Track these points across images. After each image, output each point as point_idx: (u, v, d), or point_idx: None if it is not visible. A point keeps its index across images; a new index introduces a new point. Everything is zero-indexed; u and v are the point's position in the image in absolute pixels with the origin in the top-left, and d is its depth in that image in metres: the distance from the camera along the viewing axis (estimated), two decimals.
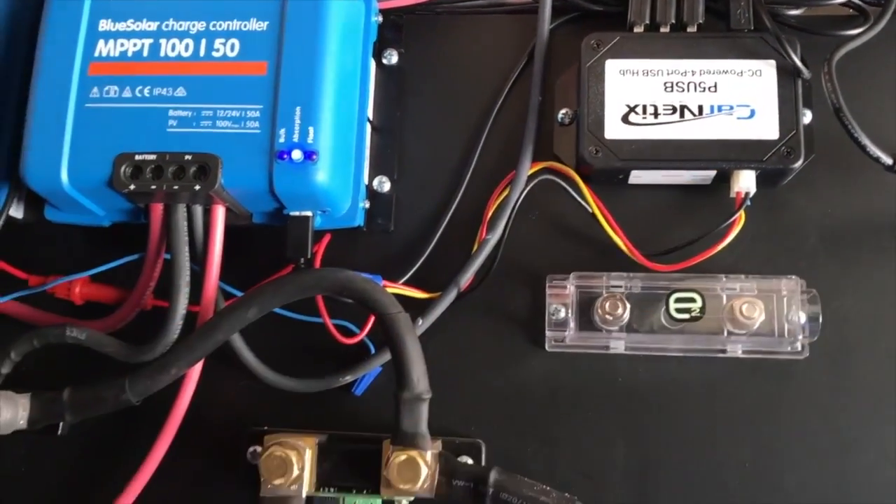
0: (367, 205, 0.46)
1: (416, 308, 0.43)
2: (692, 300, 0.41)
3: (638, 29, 0.45)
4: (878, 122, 0.43)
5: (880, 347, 0.43)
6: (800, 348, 0.42)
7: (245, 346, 0.43)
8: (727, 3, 0.45)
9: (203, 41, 0.41)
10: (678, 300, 0.41)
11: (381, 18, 0.47)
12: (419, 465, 0.38)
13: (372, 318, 0.43)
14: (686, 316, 0.41)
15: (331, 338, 0.43)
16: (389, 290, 0.43)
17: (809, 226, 0.45)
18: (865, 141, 0.39)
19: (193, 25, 0.41)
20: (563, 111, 0.46)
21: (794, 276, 0.42)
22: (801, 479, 0.42)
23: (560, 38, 0.48)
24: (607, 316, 0.42)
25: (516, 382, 0.44)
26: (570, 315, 0.43)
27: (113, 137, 0.40)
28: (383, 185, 0.46)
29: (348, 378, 0.44)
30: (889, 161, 0.39)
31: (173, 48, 0.41)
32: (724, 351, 0.43)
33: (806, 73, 0.42)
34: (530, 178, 0.45)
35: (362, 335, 0.43)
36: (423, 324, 0.44)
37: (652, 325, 0.43)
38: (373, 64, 0.47)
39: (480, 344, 0.45)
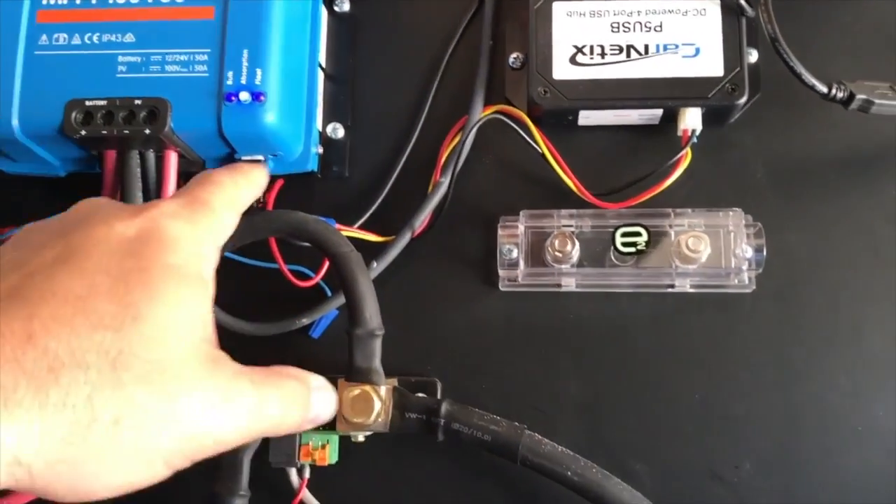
0: (321, 150, 0.46)
1: (371, 251, 0.44)
2: (638, 234, 0.42)
3: None
4: (819, 58, 0.44)
5: (825, 279, 0.44)
6: (746, 281, 0.43)
7: None
8: None
9: None
10: (624, 234, 0.42)
11: None
12: (373, 399, 0.39)
13: (327, 262, 0.44)
14: (632, 250, 0.42)
15: (287, 282, 0.44)
16: (344, 233, 0.43)
17: (755, 162, 0.45)
18: (801, 69, 0.39)
19: None
20: (514, 55, 0.47)
21: (739, 209, 0.43)
22: (749, 409, 0.43)
23: None
24: (557, 254, 0.43)
25: (470, 321, 0.45)
26: (521, 254, 0.44)
27: (63, 84, 0.40)
28: (337, 131, 0.47)
29: (305, 321, 0.44)
30: (824, 89, 0.40)
31: None
32: (672, 286, 0.44)
33: (749, 10, 0.43)
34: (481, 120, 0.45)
35: (317, 278, 0.44)
36: (378, 266, 0.44)
37: (602, 261, 0.44)
38: (324, 11, 0.47)
39: (435, 285, 0.46)
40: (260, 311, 0.45)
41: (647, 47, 0.44)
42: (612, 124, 0.46)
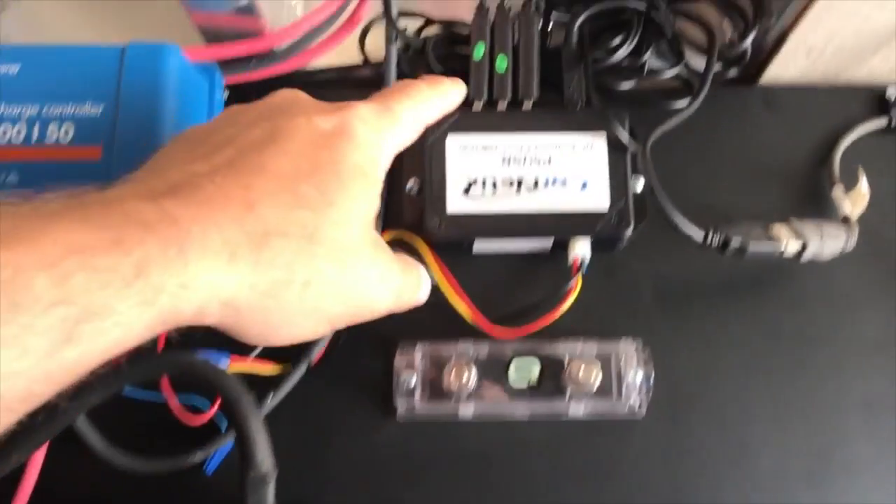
0: None
1: (266, 383, 0.44)
2: (531, 365, 0.43)
3: (477, 105, 0.47)
4: (706, 190, 0.47)
5: (713, 399, 0.46)
6: (637, 408, 0.44)
7: (91, 429, 0.42)
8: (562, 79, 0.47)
9: (36, 126, 0.41)
10: (518, 368, 0.43)
11: (227, 93, 0.48)
12: None
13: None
14: (524, 385, 0.43)
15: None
16: (238, 366, 0.43)
17: (644, 287, 0.47)
18: (678, 220, 0.41)
19: (26, 110, 0.41)
20: (412, 181, 0.48)
21: (629, 338, 0.45)
22: None
23: None
24: (454, 384, 0.43)
25: (368, 452, 0.45)
26: (418, 383, 0.44)
27: None
28: None
29: (199, 457, 0.44)
30: (699, 239, 0.42)
31: (4, 133, 0.40)
32: (567, 413, 0.45)
33: (632, 147, 0.45)
34: None
35: (210, 414, 0.43)
36: (273, 400, 0.44)
37: (499, 390, 0.44)
38: None
39: (332, 415, 0.45)
40: (148, 445, 0.43)
41: (536, 181, 0.45)
42: (506, 252, 0.47)
